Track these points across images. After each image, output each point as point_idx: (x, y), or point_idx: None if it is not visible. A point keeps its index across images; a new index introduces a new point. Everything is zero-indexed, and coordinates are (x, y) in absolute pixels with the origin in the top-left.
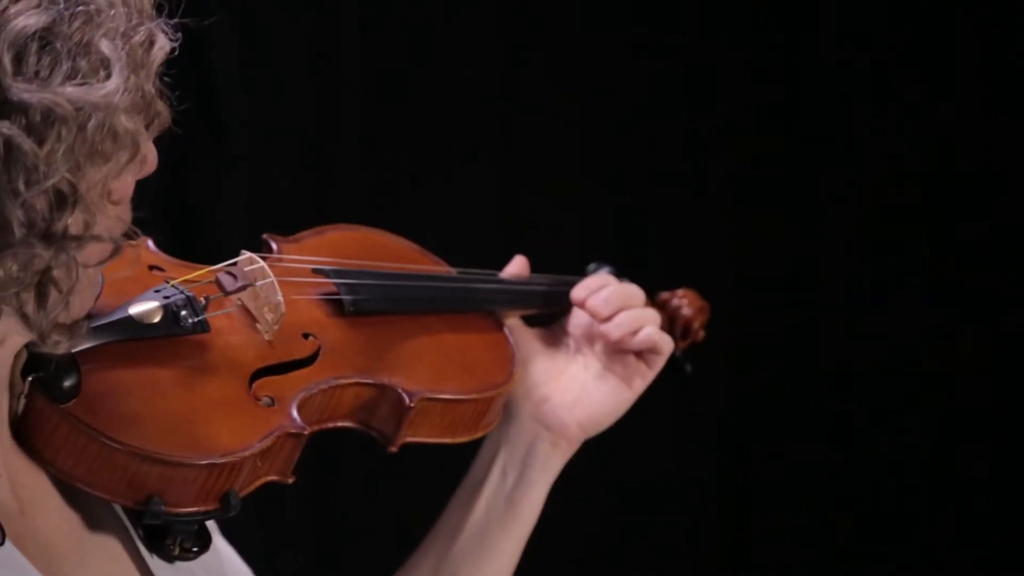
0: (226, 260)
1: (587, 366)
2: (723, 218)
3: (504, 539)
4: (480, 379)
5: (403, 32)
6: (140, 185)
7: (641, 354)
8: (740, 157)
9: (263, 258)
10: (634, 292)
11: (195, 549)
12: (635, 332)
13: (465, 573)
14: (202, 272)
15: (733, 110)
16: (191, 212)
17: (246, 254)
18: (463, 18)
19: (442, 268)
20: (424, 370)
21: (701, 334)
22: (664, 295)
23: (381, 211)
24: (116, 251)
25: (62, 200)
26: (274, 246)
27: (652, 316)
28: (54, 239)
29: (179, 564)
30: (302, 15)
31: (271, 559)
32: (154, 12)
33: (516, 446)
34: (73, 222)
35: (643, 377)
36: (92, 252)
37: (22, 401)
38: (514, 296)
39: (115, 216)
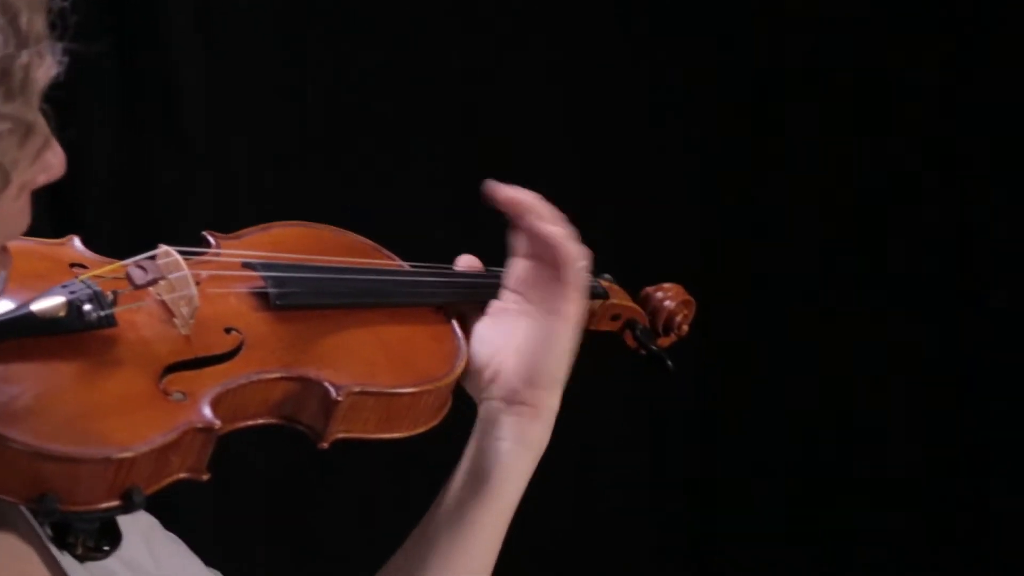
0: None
1: (521, 321)
2: (694, 214)
3: (478, 510)
4: (418, 372)
5: (372, 25)
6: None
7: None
8: (711, 152)
9: (190, 252)
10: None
11: (105, 548)
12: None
13: (443, 545)
14: (114, 266)
15: (703, 105)
16: (157, 208)
17: (162, 247)
18: (432, 7)
19: (392, 263)
20: (356, 363)
21: (685, 329)
22: (648, 289)
23: (350, 205)
24: None
25: None
26: (212, 242)
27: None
28: None
29: (96, 564)
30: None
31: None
32: (45, 33)
33: (484, 423)
34: None
35: (564, 296)
36: None
37: None
38: (464, 288)
39: None
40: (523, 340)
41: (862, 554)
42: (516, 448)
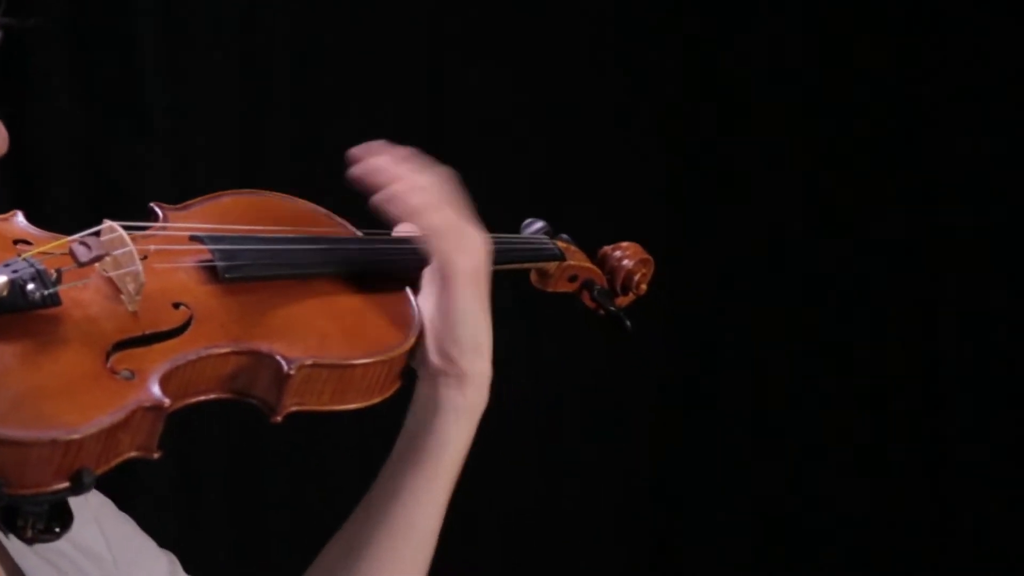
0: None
1: (428, 290)
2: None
3: (416, 477)
4: (371, 342)
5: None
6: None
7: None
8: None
9: (136, 226)
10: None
11: (56, 529)
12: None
13: (384, 514)
14: (59, 243)
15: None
16: (114, 181)
17: (107, 223)
18: None
19: (344, 230)
20: (308, 335)
21: (643, 288)
22: (605, 248)
23: (308, 177)
24: None
25: None
26: (160, 213)
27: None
28: None
29: (46, 546)
30: None
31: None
32: None
33: (418, 393)
34: None
35: (441, 252)
36: None
37: None
38: (418, 254)
39: None
40: (430, 309)
41: (827, 554)
42: (447, 416)
